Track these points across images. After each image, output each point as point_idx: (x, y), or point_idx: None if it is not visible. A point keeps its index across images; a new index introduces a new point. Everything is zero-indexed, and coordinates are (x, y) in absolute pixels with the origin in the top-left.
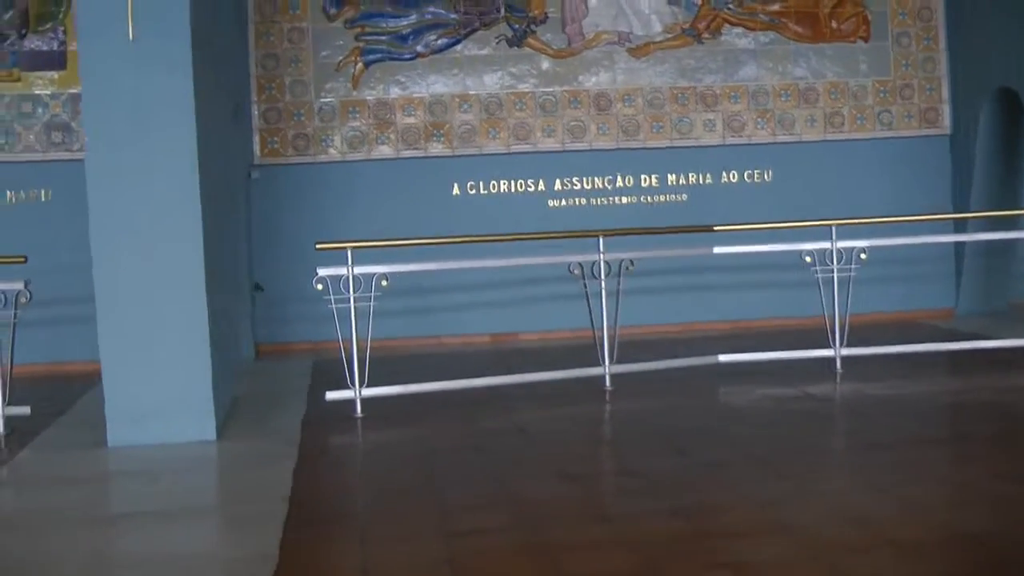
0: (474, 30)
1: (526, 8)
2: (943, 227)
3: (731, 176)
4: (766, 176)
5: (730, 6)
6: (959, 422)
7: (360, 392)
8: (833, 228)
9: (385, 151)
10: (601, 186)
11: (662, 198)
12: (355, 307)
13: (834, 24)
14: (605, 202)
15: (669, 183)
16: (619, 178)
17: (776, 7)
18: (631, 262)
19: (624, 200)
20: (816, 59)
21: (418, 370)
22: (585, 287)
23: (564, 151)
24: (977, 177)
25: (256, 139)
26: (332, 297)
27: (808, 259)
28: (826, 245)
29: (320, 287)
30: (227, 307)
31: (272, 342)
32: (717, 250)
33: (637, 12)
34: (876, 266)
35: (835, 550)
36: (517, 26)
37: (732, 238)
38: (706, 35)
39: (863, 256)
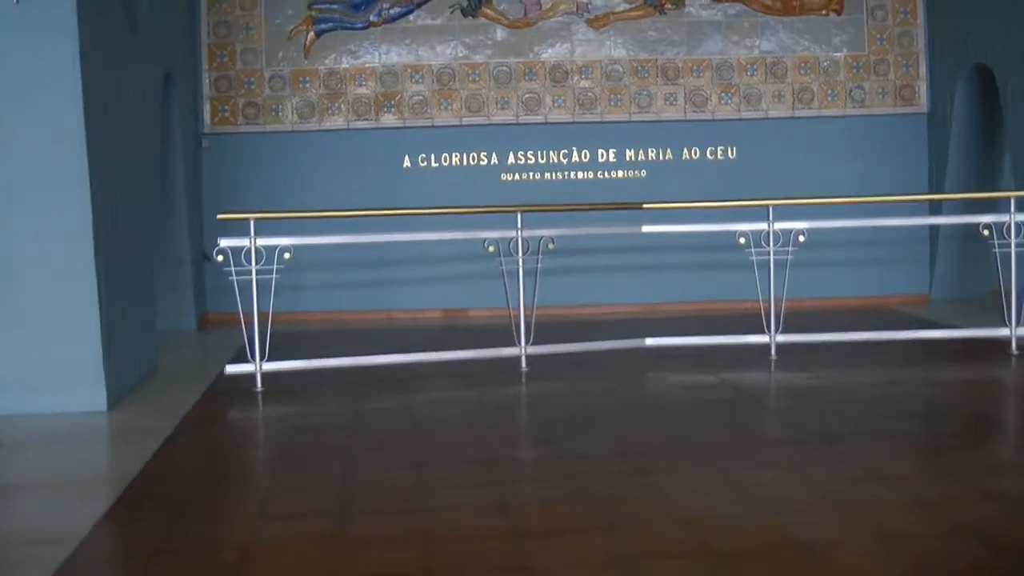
0: None
1: None
2: (919, 209)
3: (693, 153)
4: (730, 153)
5: None
6: (865, 418)
7: (260, 366)
8: (770, 208)
9: (336, 121)
10: (556, 160)
11: (620, 174)
12: (258, 280)
13: None
14: (561, 177)
15: (627, 159)
16: (575, 152)
17: None
18: (551, 240)
19: (580, 175)
20: (785, 32)
21: (349, 343)
22: (501, 265)
23: (518, 124)
24: (953, 158)
25: (207, 107)
26: (233, 268)
27: (742, 240)
28: (763, 226)
29: (220, 258)
30: (142, 277)
31: (221, 312)
32: (645, 229)
33: None
34: (848, 248)
35: (644, 555)
36: None
37: (663, 217)
38: (669, 6)
39: (801, 239)
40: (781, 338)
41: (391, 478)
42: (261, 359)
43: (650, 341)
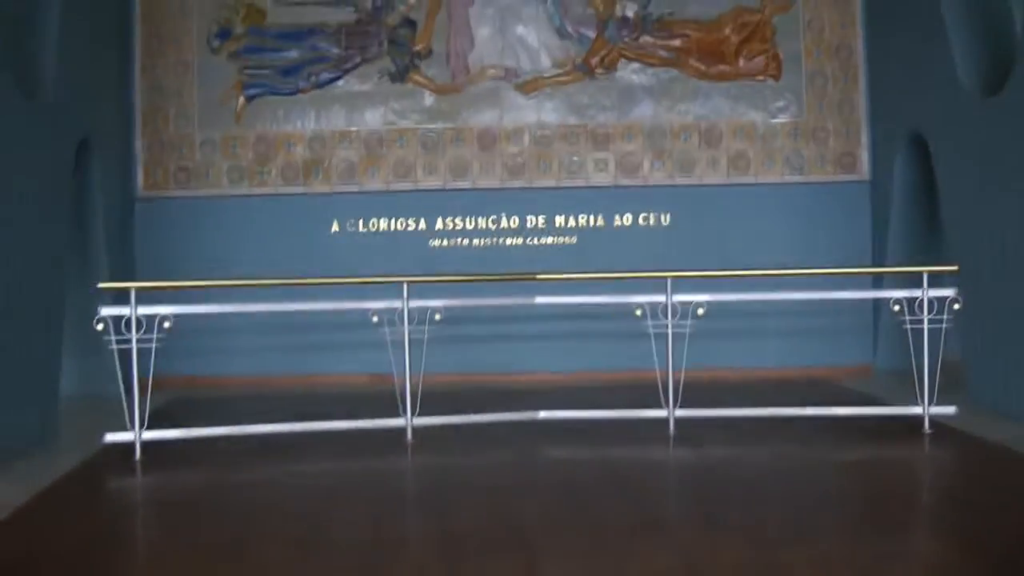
0: (357, 65)
1: (409, 42)
2: (852, 281)
3: (624, 219)
4: (663, 220)
5: (626, 40)
6: (718, 501)
7: (140, 435)
8: (668, 281)
9: (266, 187)
10: (485, 226)
11: (549, 240)
12: (138, 348)
13: (741, 62)
14: (490, 243)
15: (557, 225)
16: (504, 219)
17: (677, 42)
18: (438, 311)
19: (509, 241)
20: (720, 97)
21: (261, 409)
22: (387, 335)
23: (446, 190)
24: (894, 227)
25: (140, 172)
26: (113, 337)
27: (639, 312)
28: (661, 298)
29: (101, 327)
30: (35, 346)
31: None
32: (539, 300)
33: (525, 46)
34: (790, 317)
35: None
36: (400, 60)
37: (556, 288)
38: (600, 70)
39: (700, 311)
40: (681, 412)
41: (177, 555)
42: (142, 427)
43: (544, 414)
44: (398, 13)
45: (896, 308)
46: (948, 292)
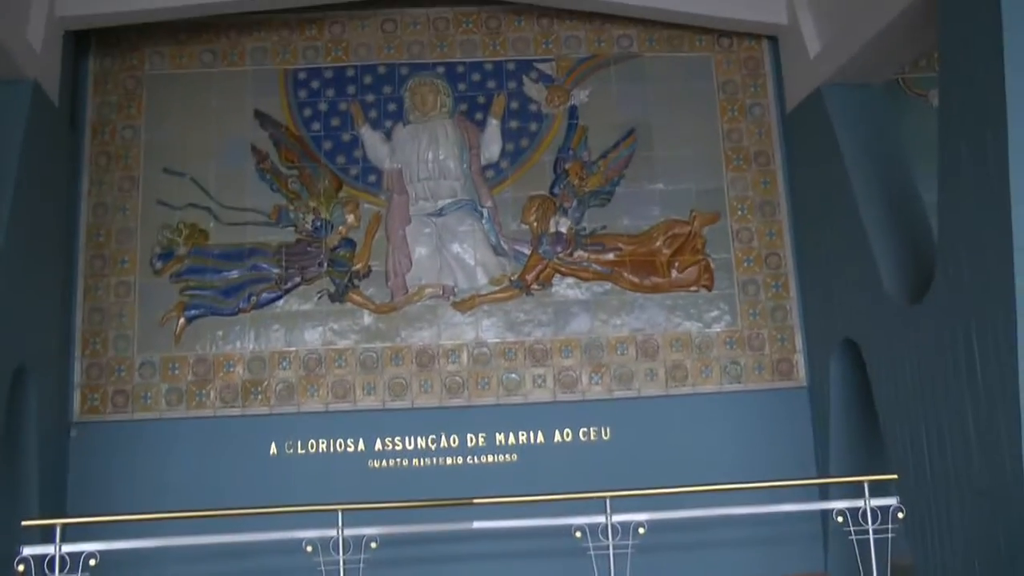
0: (296, 285)
1: (349, 262)
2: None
3: (565, 435)
4: (604, 434)
5: (560, 255)
6: None
7: None
8: (608, 500)
9: (204, 409)
10: (424, 446)
11: (490, 458)
12: None
13: (674, 273)
14: (429, 463)
15: (497, 443)
16: (443, 438)
17: (610, 256)
18: (375, 539)
19: (449, 461)
20: (655, 309)
21: None
22: (321, 566)
23: (385, 410)
24: (835, 434)
25: (76, 396)
26: None
27: (578, 535)
28: (600, 519)
29: (22, 568)
30: None
31: None
32: (476, 525)
33: (462, 264)
34: (738, 528)
35: None
36: (339, 280)
37: (494, 512)
38: (535, 286)
39: (641, 531)
40: None
41: None
42: None
43: None
44: (337, 233)
45: (840, 519)
46: (891, 501)
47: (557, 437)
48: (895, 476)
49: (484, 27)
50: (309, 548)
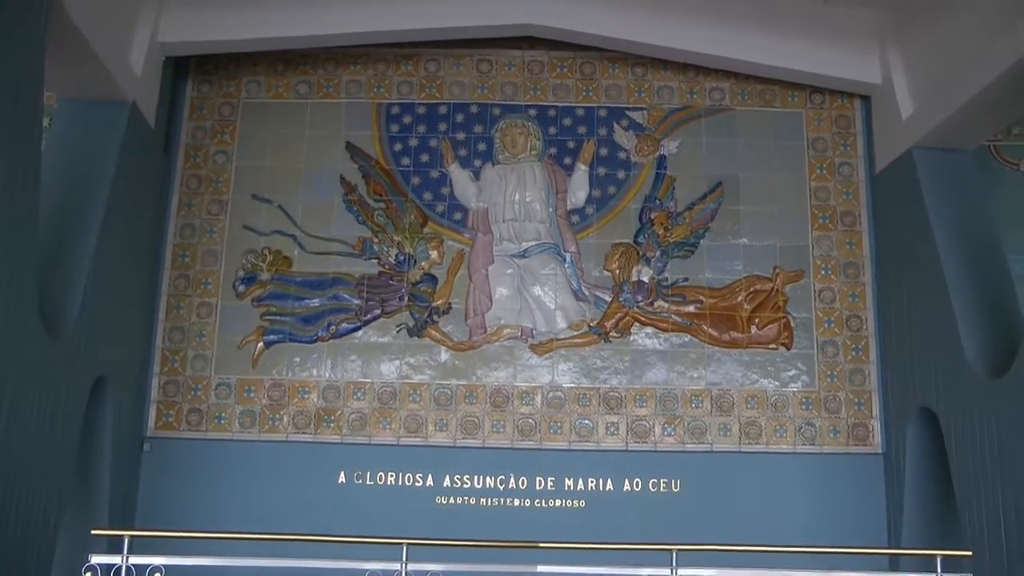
0: (376, 317)
1: (430, 298)
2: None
3: (634, 484)
4: (673, 486)
5: (640, 305)
6: None
7: None
8: (674, 553)
9: (276, 433)
10: (492, 486)
11: (558, 503)
12: None
13: (753, 329)
14: (496, 503)
15: (566, 487)
16: (512, 479)
17: (691, 308)
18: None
19: (517, 502)
20: (732, 364)
21: None
22: None
23: (455, 447)
24: (908, 505)
25: (152, 411)
26: None
27: None
28: (665, 572)
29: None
30: None
31: None
32: (541, 569)
33: (542, 307)
34: None
35: None
36: (419, 315)
37: (558, 556)
38: (614, 334)
39: None
40: None
41: None
42: None
43: None
44: (420, 269)
45: None
46: None
47: (626, 486)
48: (970, 552)
49: (578, 72)
50: None
